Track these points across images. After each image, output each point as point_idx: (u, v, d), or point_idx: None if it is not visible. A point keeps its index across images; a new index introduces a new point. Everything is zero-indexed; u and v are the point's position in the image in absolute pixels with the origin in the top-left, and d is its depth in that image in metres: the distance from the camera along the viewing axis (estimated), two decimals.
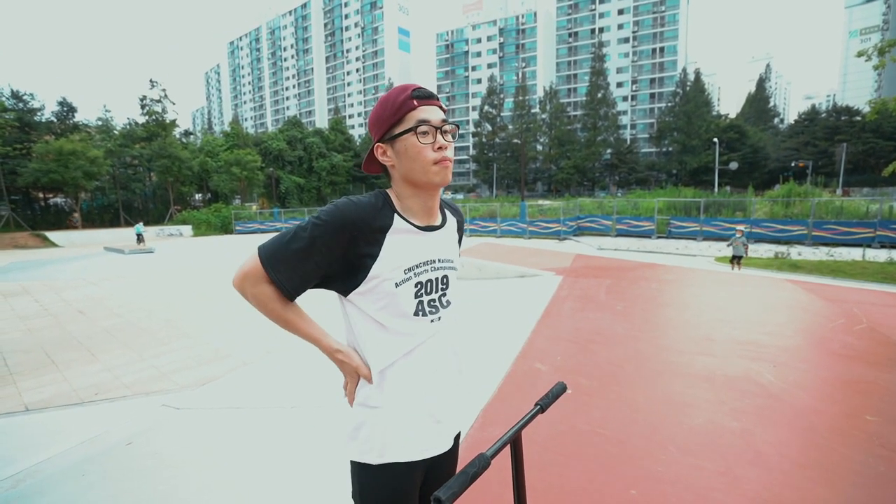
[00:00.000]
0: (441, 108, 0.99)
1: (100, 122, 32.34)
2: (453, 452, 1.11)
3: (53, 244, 23.39)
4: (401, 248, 0.97)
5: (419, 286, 0.99)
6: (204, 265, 13.52)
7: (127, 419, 3.35)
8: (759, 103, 74.14)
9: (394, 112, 0.95)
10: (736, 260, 10.74)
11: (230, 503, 2.22)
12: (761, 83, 75.42)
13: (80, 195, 27.93)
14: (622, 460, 2.36)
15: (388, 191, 1.03)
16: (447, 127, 0.98)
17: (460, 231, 1.18)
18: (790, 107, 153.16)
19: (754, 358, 3.80)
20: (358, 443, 0.99)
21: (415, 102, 0.95)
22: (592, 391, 3.23)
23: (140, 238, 22.38)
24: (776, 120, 77.24)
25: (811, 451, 2.42)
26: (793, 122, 66.31)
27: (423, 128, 0.94)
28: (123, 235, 25.98)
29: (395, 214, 0.99)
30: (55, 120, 30.70)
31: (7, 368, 4.73)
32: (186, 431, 3.09)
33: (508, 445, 0.83)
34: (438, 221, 1.07)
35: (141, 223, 24.02)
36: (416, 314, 0.99)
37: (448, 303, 1.07)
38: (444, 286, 1.06)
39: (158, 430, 3.13)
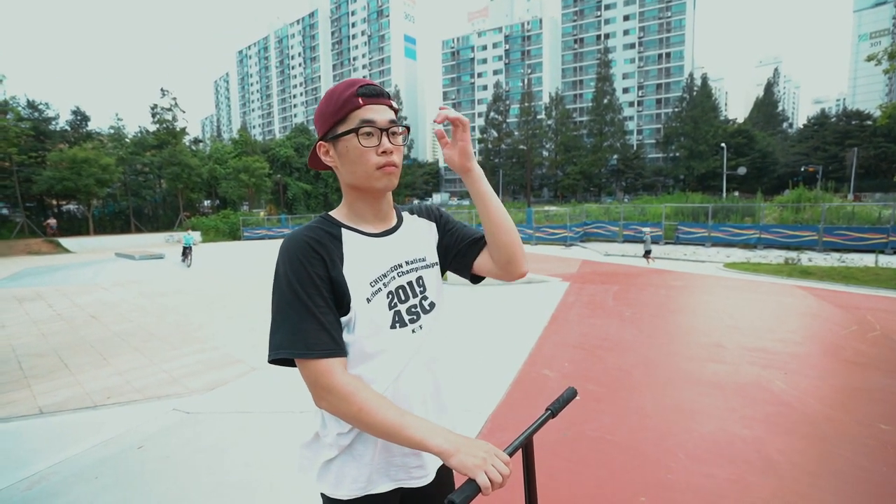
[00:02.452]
0: (391, 107, 0.90)
1: (112, 131, 32.82)
2: (441, 478, 1.01)
3: (66, 250, 23.69)
4: (359, 260, 0.90)
5: (391, 296, 0.91)
6: (213, 270, 13.64)
7: (138, 423, 3.38)
8: (767, 108, 73.73)
9: (337, 109, 0.87)
10: (647, 254, 13.28)
11: None
12: (769, 87, 75.03)
13: (92, 202, 28.31)
14: (631, 467, 2.35)
15: (330, 212, 0.97)
16: (395, 129, 0.89)
17: (433, 217, 1.09)
18: (799, 111, 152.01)
19: (765, 365, 3.76)
20: (329, 477, 0.92)
21: (360, 100, 0.86)
22: (601, 397, 3.22)
23: (187, 253, 15.21)
24: (785, 124, 76.74)
25: (824, 461, 2.39)
26: (802, 127, 65.85)
27: (366, 129, 0.86)
28: (134, 241, 26.28)
29: (342, 228, 0.92)
30: (69, 128, 31.22)
31: (22, 372, 4.80)
32: (197, 435, 3.12)
33: (520, 450, 0.84)
34: (393, 223, 1.00)
35: (191, 232, 19.15)
36: (392, 326, 0.90)
37: (432, 305, 0.98)
38: (422, 288, 0.97)
39: (169, 433, 3.16)
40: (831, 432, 2.67)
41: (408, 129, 0.95)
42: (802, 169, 50.28)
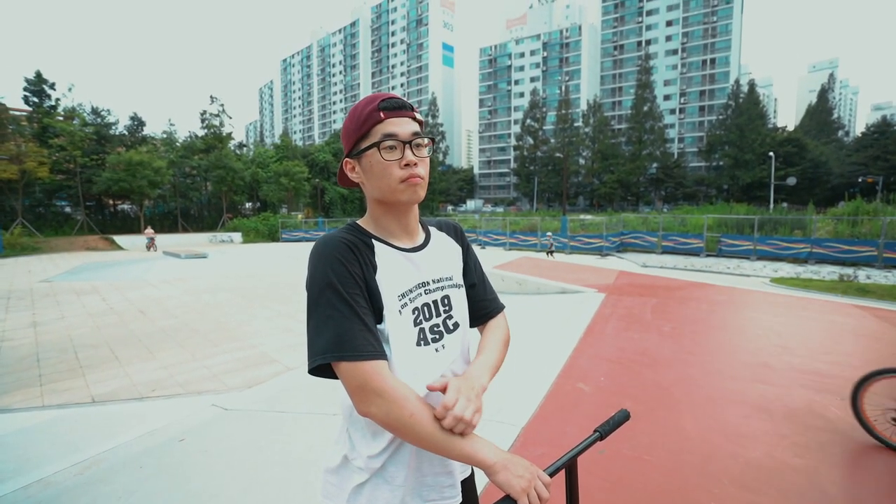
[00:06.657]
0: (415, 119, 0.90)
1: (164, 135, 34.82)
2: (466, 500, 1.00)
3: (119, 247, 25.23)
4: (390, 271, 0.89)
5: (416, 312, 0.90)
6: (252, 270, 14.15)
7: (180, 416, 3.53)
8: (820, 115, 69.71)
9: (359, 125, 0.88)
10: (549, 253, 16.96)
11: None
12: (823, 94, 70.97)
13: (144, 202, 30.06)
14: (671, 491, 2.24)
15: (357, 221, 0.97)
16: (419, 141, 0.89)
17: (459, 241, 1.08)
18: (857, 118, 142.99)
19: (818, 389, 3.53)
20: (361, 501, 0.88)
21: (381, 114, 0.86)
22: (639, 415, 3.09)
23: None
24: (840, 132, 72.31)
25: (887, 500, 2.20)
26: (860, 135, 61.95)
27: (388, 142, 0.86)
28: (181, 241, 27.67)
29: (373, 239, 0.92)
30: (126, 133, 33.39)
31: (78, 361, 5.12)
32: (234, 432, 3.22)
33: (563, 471, 0.81)
34: (420, 240, 0.99)
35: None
36: (418, 344, 0.89)
37: (456, 325, 0.97)
38: (447, 307, 0.96)
39: (208, 428, 3.28)
40: None
41: (433, 140, 0.94)
42: (860, 180, 47.14)
